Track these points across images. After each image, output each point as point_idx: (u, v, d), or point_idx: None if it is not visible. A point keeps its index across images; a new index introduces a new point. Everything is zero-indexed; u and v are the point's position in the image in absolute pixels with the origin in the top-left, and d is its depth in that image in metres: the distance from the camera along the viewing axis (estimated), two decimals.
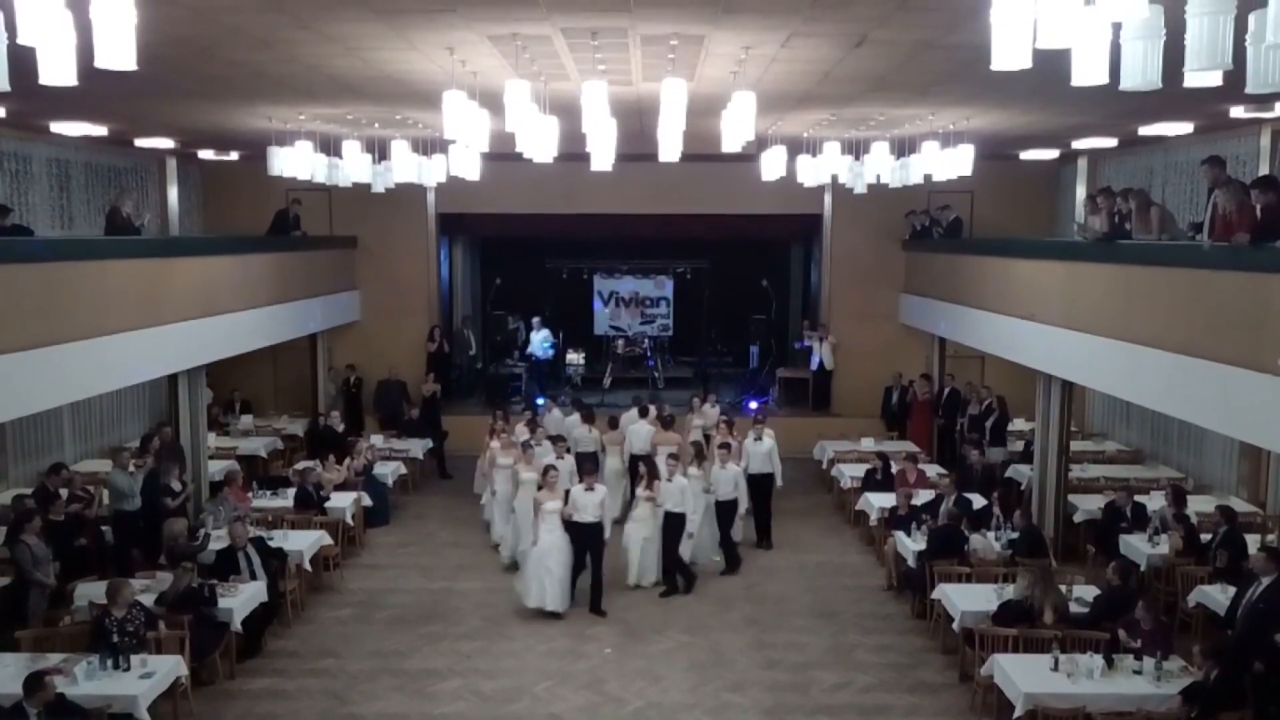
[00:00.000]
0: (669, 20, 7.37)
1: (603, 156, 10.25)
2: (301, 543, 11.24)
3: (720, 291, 22.17)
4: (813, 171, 13.97)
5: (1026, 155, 16.95)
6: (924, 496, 12.40)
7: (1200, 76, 5.16)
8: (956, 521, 11.17)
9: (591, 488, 11.17)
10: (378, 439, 16.22)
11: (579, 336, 22.52)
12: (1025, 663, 8.29)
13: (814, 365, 19.19)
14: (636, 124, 12.55)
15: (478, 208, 18.52)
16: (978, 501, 12.29)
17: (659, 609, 11.26)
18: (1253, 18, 4.93)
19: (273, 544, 10.76)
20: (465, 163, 12.22)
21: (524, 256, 21.94)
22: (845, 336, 19.03)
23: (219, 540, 10.76)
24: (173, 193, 17.57)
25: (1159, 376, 9.07)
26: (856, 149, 14.05)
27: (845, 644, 10.37)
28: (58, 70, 4.88)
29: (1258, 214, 8.08)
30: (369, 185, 14.32)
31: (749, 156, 12.35)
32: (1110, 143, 15.16)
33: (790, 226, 20.41)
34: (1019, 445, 15.13)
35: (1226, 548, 10.19)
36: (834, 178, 14.30)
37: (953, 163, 12.65)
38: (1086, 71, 5.15)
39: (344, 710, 8.95)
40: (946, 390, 16.95)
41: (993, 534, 11.30)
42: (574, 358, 21.57)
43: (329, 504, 12.70)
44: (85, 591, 9.61)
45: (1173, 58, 5.08)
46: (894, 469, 13.82)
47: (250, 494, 12.88)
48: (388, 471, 14.80)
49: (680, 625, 10.80)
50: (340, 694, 9.22)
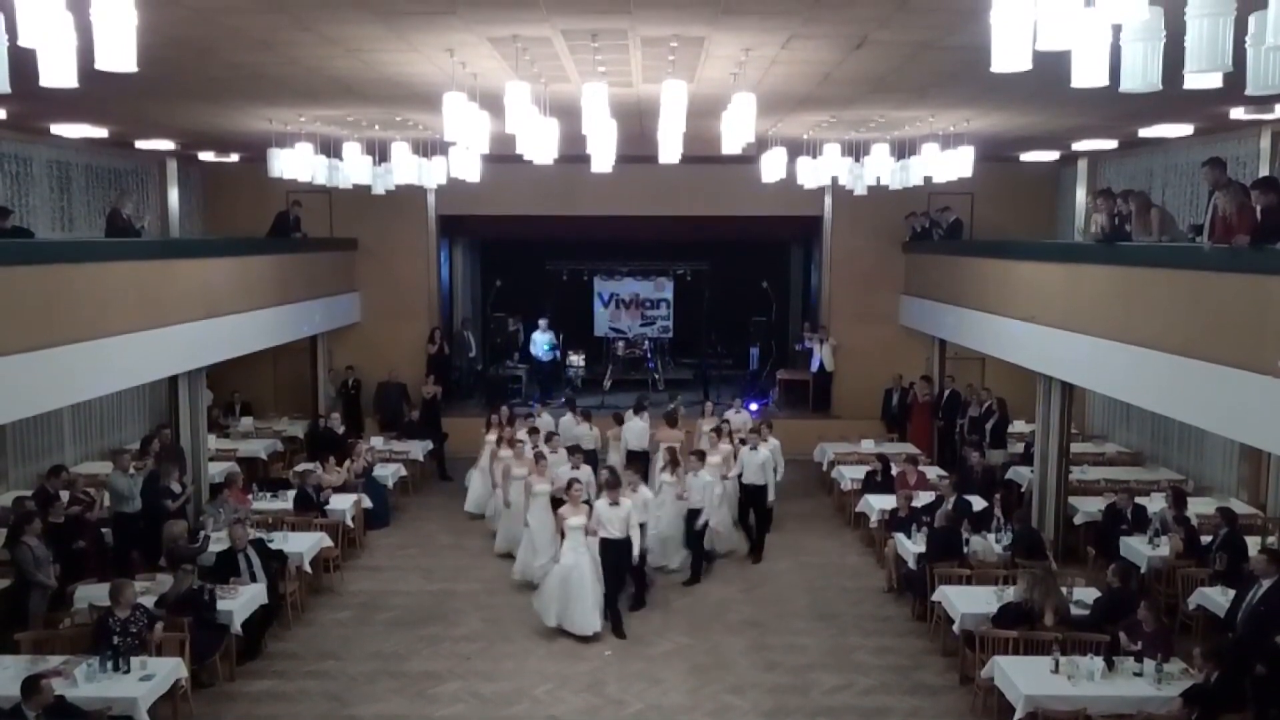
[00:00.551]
0: (669, 22, 7.37)
1: (603, 158, 10.25)
2: (301, 545, 11.24)
3: (720, 293, 22.18)
4: (813, 173, 13.97)
5: (1027, 157, 16.95)
6: (924, 498, 12.40)
7: (1200, 78, 5.16)
8: (956, 523, 11.17)
9: (616, 502, 10.60)
10: (378, 441, 16.22)
11: (579, 338, 22.53)
12: (1026, 665, 8.28)
13: (814, 367, 19.19)
14: (636, 126, 12.55)
15: (478, 209, 18.53)
16: (978, 504, 12.28)
17: (659, 612, 11.25)
18: (1253, 19, 4.94)
19: (273, 546, 10.75)
20: (465, 164, 12.22)
21: (524, 258, 21.94)
22: (845, 338, 19.03)
23: (219, 542, 10.76)
24: (173, 194, 17.58)
25: (1159, 378, 9.07)
26: (856, 151, 14.06)
27: (845, 646, 10.36)
28: (58, 72, 4.88)
29: (1258, 216, 8.08)
30: (369, 187, 14.32)
31: (749, 158, 12.37)
32: (1110, 144, 15.17)
33: (790, 228, 20.43)
34: (1019, 447, 15.13)
35: (1226, 550, 10.18)
36: (834, 179, 14.30)
37: (953, 164, 12.65)
38: (1087, 73, 5.16)
39: (344, 712, 8.94)
40: (947, 392, 16.95)
41: (993, 536, 11.29)
42: (574, 359, 21.58)
43: (329, 506, 12.70)
44: (85, 593, 9.61)
45: (1173, 59, 5.09)
46: (894, 471, 13.82)
47: (250, 496, 12.88)
48: (388, 473, 14.80)
49: (680, 628, 10.79)
50: (340, 696, 9.21)
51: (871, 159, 13.63)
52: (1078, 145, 15.53)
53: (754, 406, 17.79)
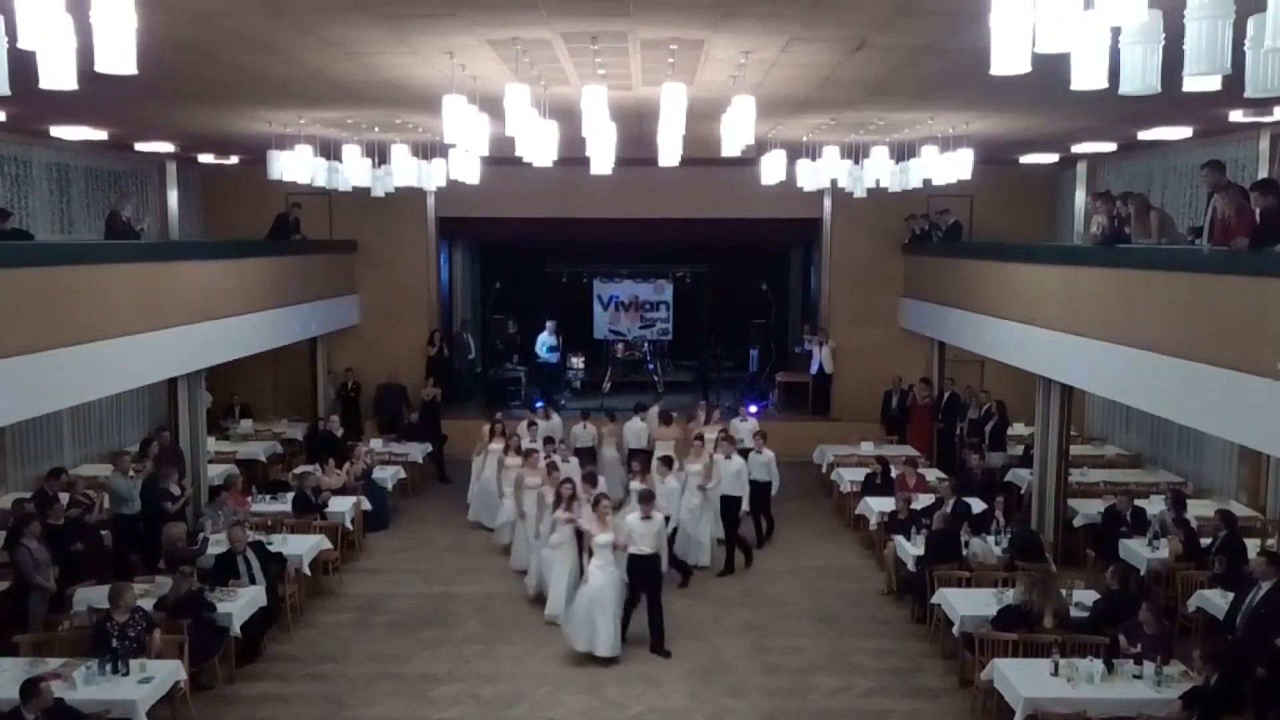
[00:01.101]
0: (669, 25, 7.37)
1: (602, 161, 10.25)
2: (301, 547, 11.23)
3: (720, 295, 22.18)
4: (812, 176, 13.98)
5: (1026, 159, 16.96)
6: (924, 501, 12.40)
7: (1199, 80, 5.17)
8: (956, 526, 11.17)
9: (649, 516, 10.20)
10: (377, 443, 16.23)
11: (579, 341, 22.53)
12: (1025, 667, 8.28)
13: (814, 369, 19.20)
14: (636, 128, 12.55)
15: (477, 212, 18.53)
16: (977, 506, 12.28)
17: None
18: (1251, 22, 4.94)
19: (272, 548, 10.74)
20: (465, 167, 12.22)
21: (524, 261, 21.96)
22: (845, 340, 19.04)
23: (218, 545, 10.75)
24: (172, 197, 17.59)
25: (1159, 381, 9.07)
26: (856, 153, 14.06)
27: (845, 648, 10.36)
28: (58, 74, 4.88)
29: (1257, 217, 8.09)
30: (369, 189, 14.32)
31: (748, 161, 12.37)
32: (1110, 147, 15.19)
33: (790, 231, 20.43)
34: (1019, 450, 15.13)
35: (1226, 553, 10.18)
36: (833, 182, 14.30)
37: (952, 167, 12.66)
38: (1086, 76, 5.16)
39: (343, 715, 8.93)
40: (946, 394, 16.95)
41: (992, 538, 11.29)
42: (574, 362, 21.58)
43: (328, 509, 12.69)
44: (84, 596, 9.60)
45: (1172, 62, 5.09)
46: (893, 473, 13.82)
47: (249, 498, 12.88)
48: (387, 476, 14.80)
49: (680, 630, 10.77)
50: (339, 698, 9.21)
51: (871, 161, 13.63)
52: (1077, 148, 15.54)
53: (753, 409, 17.78)
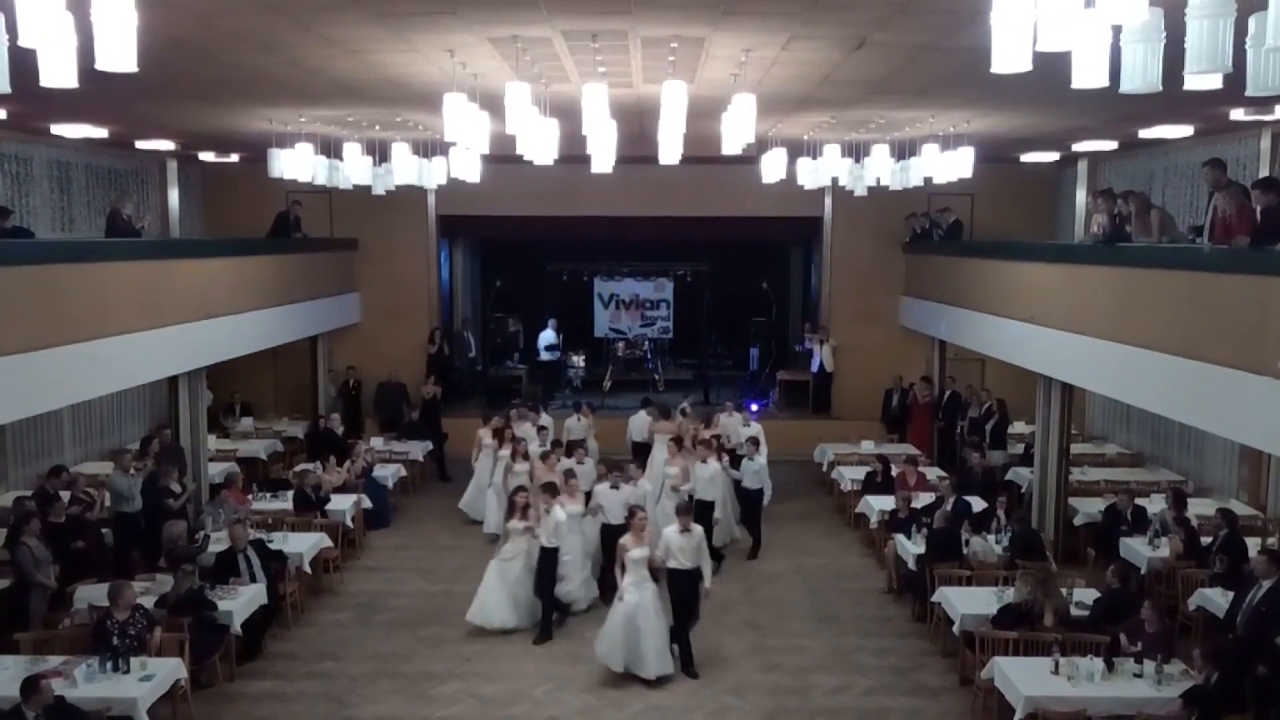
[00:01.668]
0: (669, 23, 7.37)
1: (603, 159, 10.25)
2: (301, 545, 11.24)
3: (720, 294, 22.17)
4: (813, 174, 13.98)
5: (1027, 158, 16.96)
6: (924, 499, 12.41)
7: (1200, 79, 5.16)
8: (956, 524, 11.17)
9: (687, 529, 9.73)
10: (377, 441, 16.23)
11: (579, 339, 22.53)
12: (1026, 666, 8.28)
13: (814, 368, 19.19)
14: (637, 126, 12.55)
15: (478, 210, 18.52)
16: (978, 505, 12.28)
17: None
18: (1253, 20, 4.94)
19: (272, 546, 10.75)
20: (465, 165, 12.22)
21: (524, 259, 21.96)
22: (845, 339, 19.04)
23: (218, 543, 10.76)
24: (173, 195, 17.59)
25: (1159, 379, 9.07)
26: (857, 151, 14.06)
27: (845, 647, 10.36)
28: (59, 72, 4.88)
29: (1258, 216, 8.09)
30: (369, 187, 14.32)
31: (749, 159, 12.37)
32: (1110, 145, 15.18)
33: (790, 229, 20.43)
34: (1019, 448, 15.13)
35: (1227, 551, 10.17)
36: (834, 180, 14.31)
37: (953, 165, 12.66)
38: (1087, 74, 5.16)
39: (343, 713, 8.93)
40: (947, 393, 16.95)
41: (993, 537, 11.29)
42: (574, 360, 21.58)
43: (329, 507, 12.70)
44: (85, 594, 9.60)
45: (1173, 60, 5.09)
46: (894, 472, 13.82)
47: (250, 496, 12.88)
48: (387, 474, 14.80)
49: None
50: (340, 697, 9.21)
51: (871, 160, 13.63)
52: (1078, 146, 15.53)
53: (754, 407, 17.77)
